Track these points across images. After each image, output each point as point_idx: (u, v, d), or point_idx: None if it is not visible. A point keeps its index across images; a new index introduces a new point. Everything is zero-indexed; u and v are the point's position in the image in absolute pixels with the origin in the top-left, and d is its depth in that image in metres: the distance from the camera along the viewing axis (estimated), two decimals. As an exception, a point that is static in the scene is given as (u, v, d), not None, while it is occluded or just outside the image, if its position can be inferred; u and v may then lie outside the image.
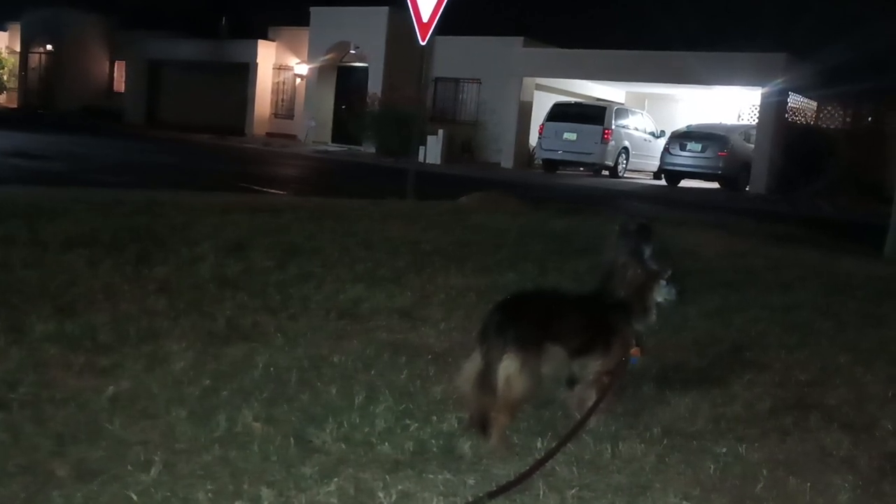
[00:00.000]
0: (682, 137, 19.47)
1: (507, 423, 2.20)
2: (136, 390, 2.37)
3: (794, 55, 19.05)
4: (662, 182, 20.44)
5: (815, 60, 19.44)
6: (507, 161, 22.28)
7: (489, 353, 2.18)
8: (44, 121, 24.64)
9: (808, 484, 2.14)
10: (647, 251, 2.45)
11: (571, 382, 2.43)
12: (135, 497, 1.75)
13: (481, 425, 2.20)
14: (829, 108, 20.07)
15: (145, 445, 2.01)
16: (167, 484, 1.82)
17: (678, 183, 19.99)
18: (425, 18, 8.87)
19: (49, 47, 33.39)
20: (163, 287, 3.59)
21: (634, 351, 2.43)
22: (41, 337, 2.75)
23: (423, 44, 9.01)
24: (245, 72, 28.12)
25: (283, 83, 28.70)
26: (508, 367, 2.14)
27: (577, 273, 4.68)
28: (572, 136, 20.20)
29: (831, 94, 19.42)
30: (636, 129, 21.54)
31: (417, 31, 8.96)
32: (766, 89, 18.91)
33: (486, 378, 2.16)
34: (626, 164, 21.13)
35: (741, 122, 22.37)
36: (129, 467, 1.88)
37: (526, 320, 2.22)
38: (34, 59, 34.54)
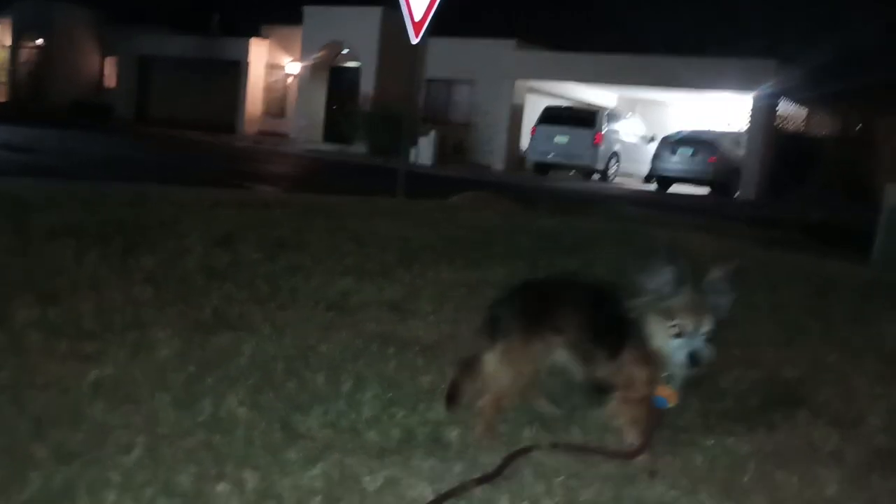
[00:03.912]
0: (672, 142, 19.56)
1: (492, 414, 2.18)
2: (119, 376, 2.34)
3: (784, 61, 19.18)
4: (653, 186, 20.52)
5: (805, 67, 19.58)
6: (498, 163, 22.32)
7: (478, 342, 2.17)
8: (33, 116, 24.48)
9: (796, 476, 2.13)
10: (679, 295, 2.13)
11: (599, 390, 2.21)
12: (115, 479, 1.72)
13: (451, 397, 2.23)
14: (819, 114, 20.24)
15: (127, 429, 1.98)
16: (149, 467, 1.80)
17: (668, 188, 20.08)
18: (418, 17, 8.86)
19: (39, 42, 33.19)
20: (149, 277, 3.55)
21: (662, 391, 2.14)
22: (24, 323, 2.71)
23: (415, 42, 9.00)
24: (237, 69, 28.07)
25: (276, 82, 28.65)
26: (492, 359, 2.13)
27: (565, 270, 4.66)
28: (563, 140, 20.25)
29: (821, 100, 19.56)
30: (627, 133, 21.61)
31: (410, 29, 8.94)
32: (756, 94, 19.03)
33: (471, 363, 2.18)
34: (617, 168, 21.20)
35: (731, 128, 22.50)
36: (110, 450, 1.85)
37: (523, 312, 2.18)
38: (24, 54, 34.32)
